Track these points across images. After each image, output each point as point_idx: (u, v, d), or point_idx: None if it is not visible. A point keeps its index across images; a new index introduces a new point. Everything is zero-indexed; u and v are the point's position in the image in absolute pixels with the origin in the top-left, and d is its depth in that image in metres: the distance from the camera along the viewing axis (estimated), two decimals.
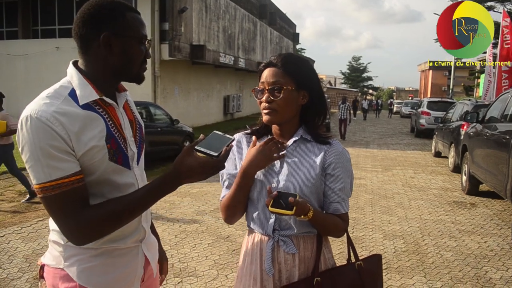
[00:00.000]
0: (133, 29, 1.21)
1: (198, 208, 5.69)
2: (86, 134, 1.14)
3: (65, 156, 1.10)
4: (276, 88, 1.38)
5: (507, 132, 5.16)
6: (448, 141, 9.41)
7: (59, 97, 1.14)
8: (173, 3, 14.34)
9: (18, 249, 4.01)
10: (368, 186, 7.28)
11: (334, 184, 1.43)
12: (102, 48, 1.18)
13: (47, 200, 1.11)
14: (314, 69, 1.50)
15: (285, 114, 1.40)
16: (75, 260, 1.22)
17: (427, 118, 15.97)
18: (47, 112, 1.09)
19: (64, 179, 1.10)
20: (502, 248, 4.34)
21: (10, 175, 7.18)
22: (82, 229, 1.13)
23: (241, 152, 1.52)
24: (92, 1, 1.20)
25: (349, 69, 66.84)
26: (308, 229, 1.43)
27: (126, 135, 1.27)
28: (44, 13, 16.04)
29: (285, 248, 1.41)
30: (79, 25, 1.19)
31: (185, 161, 1.15)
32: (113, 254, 1.26)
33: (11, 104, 15.52)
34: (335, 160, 1.43)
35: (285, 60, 1.41)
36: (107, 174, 1.20)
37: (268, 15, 25.64)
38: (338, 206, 1.44)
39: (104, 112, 1.21)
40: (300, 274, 1.42)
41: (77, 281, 1.22)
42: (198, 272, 3.62)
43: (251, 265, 1.47)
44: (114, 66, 1.21)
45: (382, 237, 4.63)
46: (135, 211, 1.19)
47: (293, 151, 1.46)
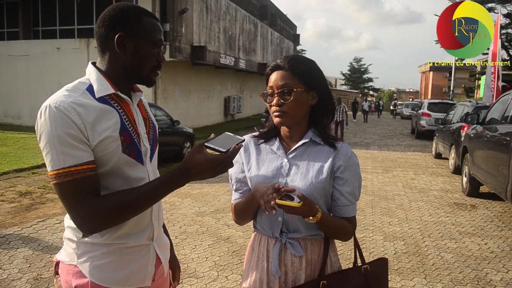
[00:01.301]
0: (147, 32, 1.27)
1: (198, 209, 5.68)
2: (101, 124, 1.19)
3: (79, 144, 1.15)
4: (286, 91, 1.38)
5: (507, 133, 5.16)
6: (448, 142, 9.41)
7: (77, 91, 1.21)
8: (173, 4, 14.36)
9: (18, 250, 4.01)
10: (369, 188, 7.28)
11: (342, 187, 1.43)
12: (116, 47, 1.24)
13: (60, 186, 1.15)
14: (320, 69, 1.49)
15: (295, 116, 1.41)
16: (88, 257, 1.25)
17: (428, 119, 15.96)
18: (65, 103, 1.16)
19: (77, 166, 1.14)
20: (502, 250, 4.34)
21: (10, 176, 7.19)
22: (92, 217, 1.16)
23: (249, 155, 1.52)
24: (114, 4, 1.29)
25: (350, 70, 66.88)
26: (316, 232, 1.43)
27: (140, 131, 1.32)
28: (45, 14, 16.06)
29: (293, 250, 1.42)
30: (99, 25, 1.27)
31: (194, 157, 1.17)
32: (124, 251, 1.29)
33: (12, 104, 15.68)
34: (344, 164, 1.43)
35: (293, 62, 1.41)
36: (120, 166, 1.24)
37: (268, 16, 25.65)
38: (346, 209, 1.44)
39: (119, 107, 1.27)
40: (306, 276, 1.42)
41: (89, 278, 1.25)
42: (198, 273, 3.62)
43: (257, 266, 1.47)
44: (126, 66, 1.27)
45: (382, 239, 4.63)
46: (144, 203, 1.22)
47: (302, 153, 1.46)
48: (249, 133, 1.58)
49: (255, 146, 1.53)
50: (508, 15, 23.63)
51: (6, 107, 15.93)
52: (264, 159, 1.49)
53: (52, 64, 14.45)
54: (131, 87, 1.36)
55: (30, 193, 6.13)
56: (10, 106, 15.81)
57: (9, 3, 16.41)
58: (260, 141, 1.52)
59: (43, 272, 3.53)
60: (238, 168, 1.52)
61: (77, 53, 13.90)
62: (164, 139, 9.12)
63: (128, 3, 1.31)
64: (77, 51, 13.98)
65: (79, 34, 15.06)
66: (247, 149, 1.53)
